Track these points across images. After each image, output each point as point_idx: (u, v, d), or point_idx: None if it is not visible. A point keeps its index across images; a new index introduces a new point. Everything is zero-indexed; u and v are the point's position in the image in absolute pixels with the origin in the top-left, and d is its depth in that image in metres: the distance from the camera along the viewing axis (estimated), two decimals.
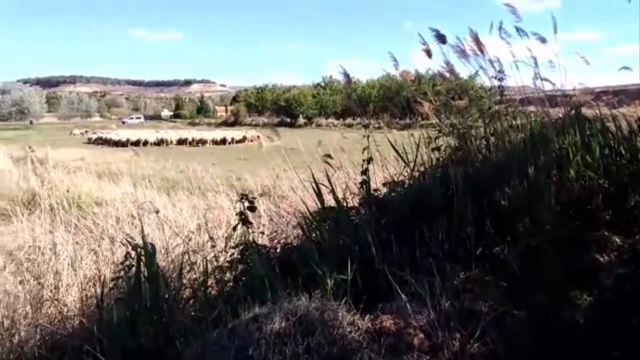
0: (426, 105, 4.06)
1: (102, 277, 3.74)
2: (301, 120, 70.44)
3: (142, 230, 3.30)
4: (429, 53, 3.83)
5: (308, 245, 3.07)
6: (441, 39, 3.83)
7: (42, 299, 3.78)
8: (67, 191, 7.52)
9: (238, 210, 3.46)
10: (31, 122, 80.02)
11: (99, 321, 2.94)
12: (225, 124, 76.54)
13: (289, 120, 70.77)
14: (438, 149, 3.71)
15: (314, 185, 3.49)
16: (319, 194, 3.42)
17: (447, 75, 4.14)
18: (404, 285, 2.54)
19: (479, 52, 3.98)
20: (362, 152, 3.55)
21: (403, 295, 2.42)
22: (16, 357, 3.20)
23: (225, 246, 4.32)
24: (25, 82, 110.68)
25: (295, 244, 3.90)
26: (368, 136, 3.54)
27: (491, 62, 4.07)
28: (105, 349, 2.59)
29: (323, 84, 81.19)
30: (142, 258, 2.68)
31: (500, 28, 4.02)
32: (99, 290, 3.54)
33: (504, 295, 2.66)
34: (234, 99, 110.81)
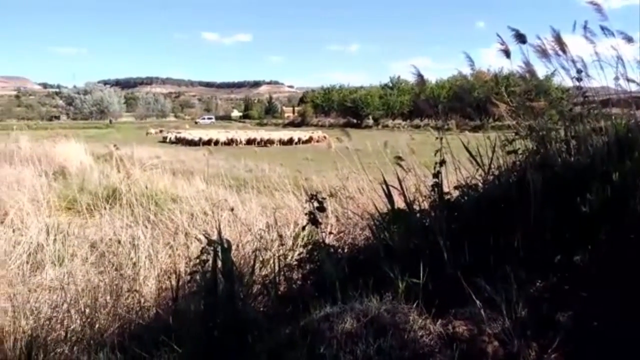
0: (502, 106, 3.93)
1: (177, 271, 3.89)
2: (367, 121, 70.16)
3: (219, 227, 3.40)
4: (507, 53, 3.70)
5: (377, 247, 3.06)
6: (521, 38, 3.69)
7: (122, 289, 3.98)
8: (146, 187, 7.87)
9: (307, 210, 3.50)
10: (110, 121, 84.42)
11: (175, 313, 3.06)
12: (292, 124, 77.58)
13: (355, 121, 70.71)
14: (515, 152, 3.58)
15: (383, 186, 3.47)
16: (389, 196, 3.40)
17: (526, 75, 3.99)
18: (477, 291, 2.48)
19: (560, 52, 3.81)
20: (435, 154, 3.49)
21: (477, 302, 2.36)
22: (96, 344, 3.36)
23: (293, 245, 4.39)
24: (105, 83, 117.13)
25: (362, 245, 3.89)
26: (441, 138, 3.47)
27: (573, 62, 3.89)
28: (180, 339, 2.70)
29: (390, 85, 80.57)
30: (218, 253, 2.76)
31: (584, 27, 3.83)
32: (174, 283, 3.69)
33: (584, 306, 2.53)
34: (301, 100, 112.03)
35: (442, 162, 3.47)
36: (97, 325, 3.63)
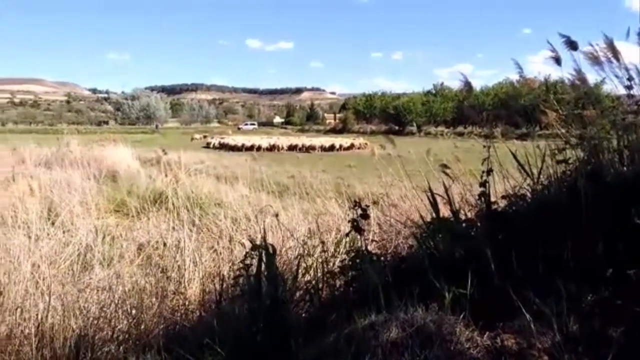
0: (551, 114, 3.82)
1: (221, 274, 3.94)
2: (410, 128, 69.55)
3: (264, 232, 3.42)
4: (557, 60, 3.61)
5: (421, 256, 3.02)
6: (572, 45, 3.59)
7: (167, 291, 4.06)
8: (191, 191, 8.02)
9: (350, 217, 3.49)
10: (157, 127, 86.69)
11: (219, 316, 3.10)
12: (334, 131, 77.67)
13: (397, 128, 70.23)
14: (565, 161, 3.47)
15: (428, 194, 3.43)
16: (434, 204, 3.35)
17: (577, 83, 3.87)
18: (526, 304, 2.41)
19: (613, 59, 3.69)
20: (482, 163, 3.42)
21: (527, 314, 2.29)
22: (142, 344, 3.44)
23: (335, 251, 4.38)
24: (152, 89, 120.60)
25: (406, 254, 3.85)
26: (489, 146, 3.40)
27: (626, 69, 3.75)
28: (224, 342, 2.72)
29: (434, 91, 79.75)
30: (263, 258, 2.79)
31: (639, 34, 3.69)
32: (218, 286, 3.74)
33: (638, 321, 2.42)
34: (343, 107, 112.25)
35: (490, 171, 3.40)
36: (142, 326, 3.71)
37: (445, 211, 3.50)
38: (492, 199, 3.49)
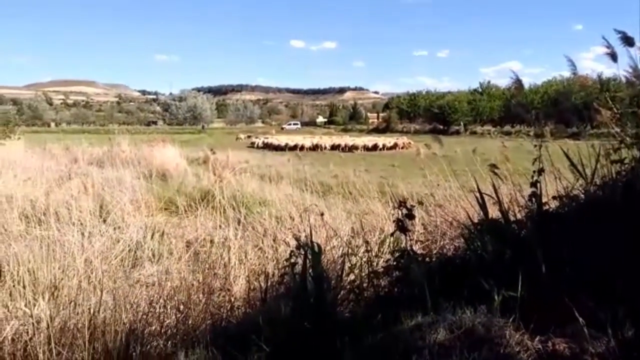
0: (605, 112, 3.67)
1: (266, 272, 3.98)
2: (455, 127, 68.29)
3: (310, 231, 3.43)
4: (614, 56, 3.46)
5: (469, 257, 2.96)
6: (628, 41, 3.44)
7: (214, 288, 4.14)
8: (238, 190, 8.14)
9: (394, 216, 3.46)
10: (203, 127, 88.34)
11: (264, 313, 3.13)
12: (377, 130, 77.19)
13: (441, 127, 69.06)
14: (621, 161, 3.33)
15: (477, 194, 3.35)
16: (482, 204, 3.28)
17: (633, 80, 3.70)
18: (579, 308, 2.32)
19: None
20: (533, 163, 3.32)
21: (580, 319, 2.21)
22: (189, 339, 3.50)
23: (379, 251, 4.35)
24: (199, 90, 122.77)
25: (452, 255, 3.78)
26: (540, 145, 3.30)
27: None
28: (269, 339, 2.75)
29: (480, 90, 78.11)
30: (309, 257, 2.80)
31: None
32: (263, 284, 3.78)
33: None
34: (386, 106, 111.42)
35: (541, 171, 3.30)
36: (190, 321, 3.78)
37: (493, 212, 3.42)
38: (543, 199, 3.38)
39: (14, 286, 4.30)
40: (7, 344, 3.35)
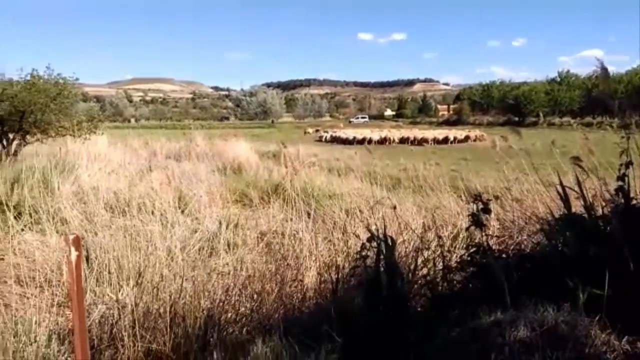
0: None
1: (337, 264, 4.01)
2: (530, 118, 65.38)
3: (384, 223, 3.42)
4: None
5: (549, 253, 2.83)
6: None
7: (286, 278, 4.22)
8: (308, 184, 8.23)
9: (469, 211, 3.37)
10: (272, 122, 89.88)
11: (336, 304, 3.15)
12: (447, 123, 75.38)
13: (516, 119, 66.33)
14: None
15: (559, 188, 3.20)
16: (565, 199, 3.12)
17: None
18: None
19: None
20: (620, 155, 3.12)
21: None
22: (263, 328, 3.59)
23: (452, 246, 4.26)
24: (268, 85, 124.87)
25: (530, 251, 3.65)
26: (628, 137, 3.10)
27: None
28: (341, 330, 2.77)
29: (558, 79, 74.39)
30: (382, 249, 2.79)
31: None
32: (334, 275, 3.81)
33: None
34: (457, 98, 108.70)
35: (629, 164, 3.09)
36: (264, 310, 3.88)
37: (576, 207, 3.25)
38: (631, 194, 3.18)
39: (100, 273, 4.57)
40: (95, 326, 3.56)
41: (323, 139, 45.53)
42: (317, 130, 57.79)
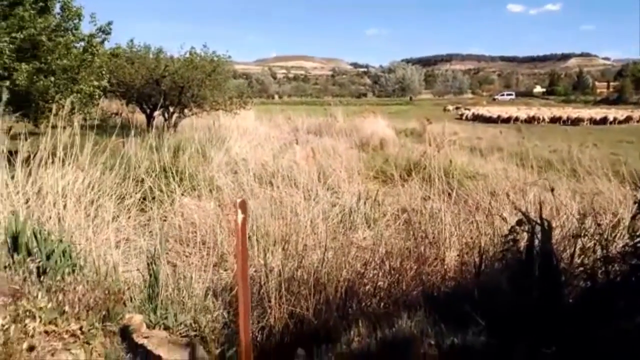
0: None
1: (480, 246, 3.88)
2: None
3: (540, 207, 3.21)
4: None
5: None
6: None
7: (425, 256, 4.18)
8: (451, 162, 8.03)
9: (635, 199, 3.05)
10: (411, 98, 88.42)
11: (479, 286, 3.06)
12: (606, 101, 68.14)
13: None
14: None
15: None
16: None
17: None
18: None
19: None
20: None
21: None
22: (402, 302, 3.60)
23: (611, 235, 3.91)
24: (407, 61, 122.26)
25: None
26: None
27: None
28: (485, 313, 2.67)
29: None
30: (536, 233, 2.64)
31: None
32: (476, 258, 3.70)
33: None
34: (619, 74, 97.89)
35: None
36: (403, 285, 3.90)
37: None
38: None
39: (249, 238, 4.90)
40: None
41: (464, 117, 43.88)
42: (457, 108, 55.82)
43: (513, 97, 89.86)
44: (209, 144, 10.16)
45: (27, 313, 2.61)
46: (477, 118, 41.98)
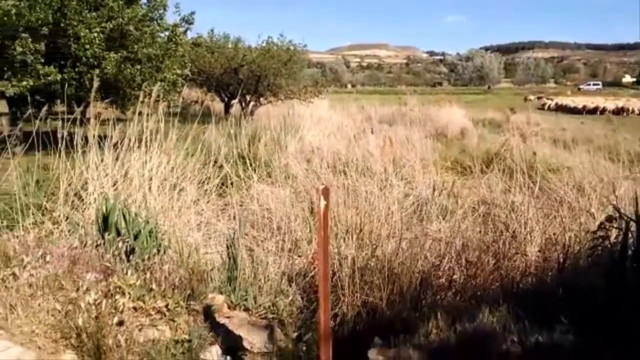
0: None
1: (564, 242, 3.70)
2: None
3: (637, 202, 3.01)
4: None
5: None
6: None
7: (505, 251, 4.03)
8: (534, 154, 7.71)
9: None
10: (489, 87, 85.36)
11: (563, 284, 2.92)
12: None
13: None
14: None
15: None
16: None
17: None
18: None
19: None
20: None
21: None
22: (480, 297, 3.48)
23: None
24: (486, 49, 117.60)
25: None
26: None
27: None
28: (569, 312, 2.54)
29: None
30: (631, 231, 2.47)
31: None
32: (561, 254, 3.53)
33: None
34: None
35: None
36: (479, 280, 3.79)
37: None
38: None
39: None
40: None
41: (546, 107, 41.74)
42: (539, 98, 53.24)
43: (600, 87, 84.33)
44: (284, 132, 10.31)
45: (118, 289, 2.78)
46: (561, 108, 39.81)
